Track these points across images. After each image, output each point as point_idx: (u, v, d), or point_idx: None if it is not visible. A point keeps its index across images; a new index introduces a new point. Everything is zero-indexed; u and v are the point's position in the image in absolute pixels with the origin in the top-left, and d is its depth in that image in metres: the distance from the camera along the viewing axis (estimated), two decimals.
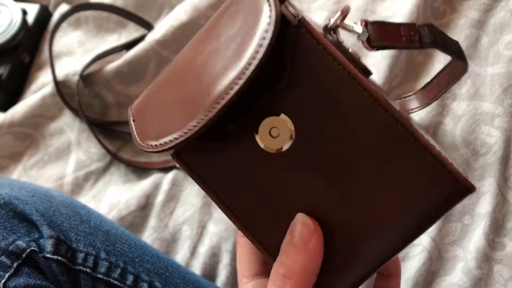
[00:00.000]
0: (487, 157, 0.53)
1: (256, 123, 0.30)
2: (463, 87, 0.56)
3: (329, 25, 0.34)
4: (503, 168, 0.53)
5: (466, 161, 0.53)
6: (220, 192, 0.31)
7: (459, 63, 0.47)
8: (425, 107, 0.51)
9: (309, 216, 0.30)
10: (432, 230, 0.52)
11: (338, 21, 0.35)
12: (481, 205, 0.52)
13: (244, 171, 0.31)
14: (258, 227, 0.31)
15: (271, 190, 0.31)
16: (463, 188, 0.29)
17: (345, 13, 0.35)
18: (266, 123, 0.30)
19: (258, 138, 0.30)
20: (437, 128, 0.55)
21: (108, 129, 0.62)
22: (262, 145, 0.30)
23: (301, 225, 0.29)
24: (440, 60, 0.58)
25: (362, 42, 0.38)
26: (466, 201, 0.53)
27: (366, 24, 0.38)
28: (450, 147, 0.54)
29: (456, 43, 0.45)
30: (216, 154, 0.31)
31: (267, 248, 0.31)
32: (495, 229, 0.51)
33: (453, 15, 0.59)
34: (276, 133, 0.30)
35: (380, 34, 0.38)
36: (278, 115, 0.30)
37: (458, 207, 0.53)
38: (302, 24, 0.29)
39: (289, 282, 0.29)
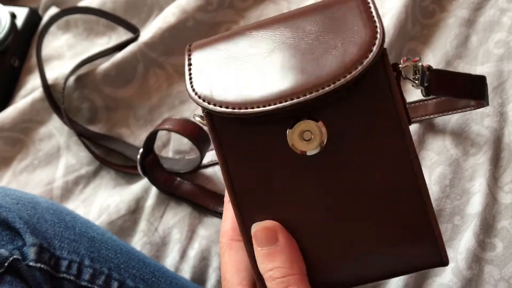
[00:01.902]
0: (477, 157, 0.53)
1: (294, 120, 0.31)
2: None
3: (399, 67, 0.35)
4: (493, 168, 0.52)
5: (456, 162, 0.53)
6: (230, 161, 0.32)
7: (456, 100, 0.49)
8: (438, 117, 0.54)
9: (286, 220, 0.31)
10: None
11: (406, 66, 0.35)
12: (471, 205, 0.52)
13: (262, 156, 0.32)
14: (248, 208, 0.32)
15: (278, 182, 0.32)
16: (441, 263, 0.33)
17: (415, 63, 0.37)
18: (303, 124, 0.31)
19: (289, 135, 0.31)
20: (427, 129, 0.55)
21: (95, 142, 0.62)
22: (290, 142, 0.31)
23: (262, 231, 0.31)
24: (429, 60, 0.57)
25: (421, 88, 0.39)
26: (456, 202, 0.52)
27: (429, 69, 0.38)
28: (440, 148, 0.54)
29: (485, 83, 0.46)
30: (244, 129, 0.32)
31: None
32: (485, 230, 0.51)
33: (442, 14, 0.59)
34: (308, 137, 0.31)
35: (440, 84, 0.40)
36: (317, 121, 0.31)
37: (448, 207, 0.52)
38: (384, 60, 0.31)
39: (285, 283, 0.30)
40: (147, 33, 0.63)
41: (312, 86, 0.29)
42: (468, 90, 0.42)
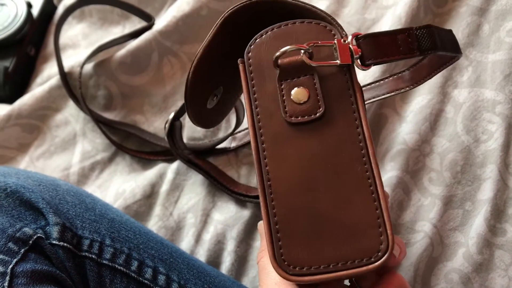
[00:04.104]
0: (488, 144, 0.53)
1: None
2: (464, 74, 0.56)
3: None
4: (504, 154, 0.53)
5: (467, 148, 0.54)
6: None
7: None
8: (415, 86, 0.50)
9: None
10: (433, 217, 0.53)
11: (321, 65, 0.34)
12: (482, 191, 0.52)
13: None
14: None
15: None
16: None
17: (330, 44, 0.35)
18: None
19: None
20: (438, 116, 0.56)
21: (112, 126, 0.63)
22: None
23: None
24: None
25: (353, 62, 0.34)
26: (467, 188, 0.53)
27: (358, 39, 0.34)
28: (452, 134, 0.54)
29: (450, 35, 0.41)
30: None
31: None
32: (496, 215, 0.52)
33: (455, 3, 0.59)
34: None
35: (375, 49, 0.35)
36: None
37: (459, 193, 0.53)
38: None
39: None
40: (161, 21, 0.64)
41: None
42: (415, 46, 0.36)
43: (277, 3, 0.37)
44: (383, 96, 0.52)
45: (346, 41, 0.34)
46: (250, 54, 0.35)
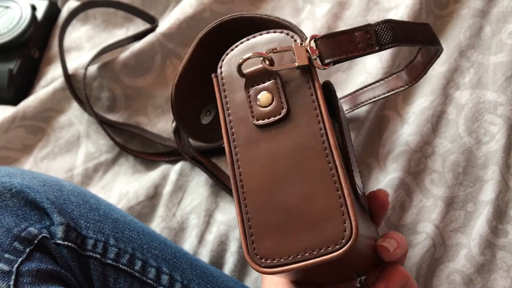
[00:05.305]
0: (490, 145, 0.54)
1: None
2: (466, 76, 0.56)
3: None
4: (506, 156, 0.53)
5: (469, 150, 0.54)
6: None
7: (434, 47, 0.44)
8: (414, 84, 0.50)
9: None
10: (435, 218, 0.53)
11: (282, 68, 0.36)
12: (484, 192, 0.53)
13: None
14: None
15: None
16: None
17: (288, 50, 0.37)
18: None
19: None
20: (440, 117, 0.56)
21: (116, 127, 0.63)
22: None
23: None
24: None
25: (313, 63, 0.36)
26: (469, 189, 0.53)
27: (316, 40, 0.36)
28: (453, 136, 0.55)
29: (426, 28, 0.42)
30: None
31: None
32: (498, 216, 0.52)
33: (456, 5, 0.59)
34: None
35: (333, 48, 0.36)
36: None
37: (461, 195, 0.53)
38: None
39: None
40: (165, 23, 0.64)
41: None
42: (374, 41, 0.37)
43: (244, 19, 0.40)
44: (383, 96, 0.53)
45: (304, 44, 0.36)
46: (222, 68, 0.38)
